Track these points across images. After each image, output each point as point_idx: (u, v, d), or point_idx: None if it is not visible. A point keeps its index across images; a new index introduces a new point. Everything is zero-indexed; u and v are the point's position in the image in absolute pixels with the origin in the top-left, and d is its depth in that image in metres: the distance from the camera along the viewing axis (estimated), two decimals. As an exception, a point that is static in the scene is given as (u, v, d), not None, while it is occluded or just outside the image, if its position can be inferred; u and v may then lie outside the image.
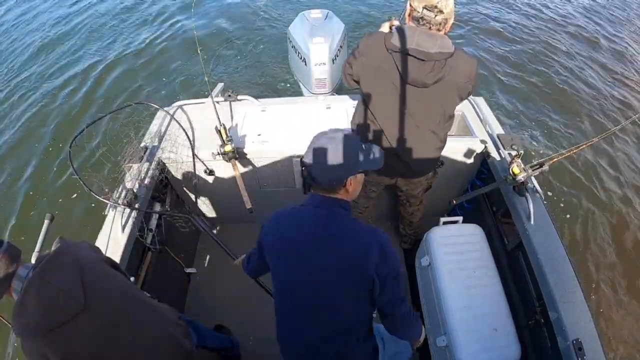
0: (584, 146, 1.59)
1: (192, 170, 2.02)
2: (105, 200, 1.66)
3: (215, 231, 2.67)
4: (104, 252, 1.17)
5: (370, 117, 1.61)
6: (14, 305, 0.88)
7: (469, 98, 2.16)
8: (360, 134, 1.70)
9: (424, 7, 1.31)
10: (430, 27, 1.34)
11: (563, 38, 5.54)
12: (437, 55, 1.33)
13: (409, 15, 1.39)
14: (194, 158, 1.98)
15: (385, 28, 1.65)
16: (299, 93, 3.78)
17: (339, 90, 3.47)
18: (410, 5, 1.38)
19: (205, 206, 2.56)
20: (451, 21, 1.36)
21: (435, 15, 1.31)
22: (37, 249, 1.01)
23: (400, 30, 1.38)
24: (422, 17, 1.32)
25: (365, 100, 1.59)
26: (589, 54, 5.19)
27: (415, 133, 1.57)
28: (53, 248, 0.97)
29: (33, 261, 1.02)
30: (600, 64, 5.02)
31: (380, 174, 1.76)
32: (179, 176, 2.16)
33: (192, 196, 2.25)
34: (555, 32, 5.67)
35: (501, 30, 5.68)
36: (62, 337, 0.88)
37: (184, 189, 2.27)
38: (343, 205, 1.08)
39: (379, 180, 1.84)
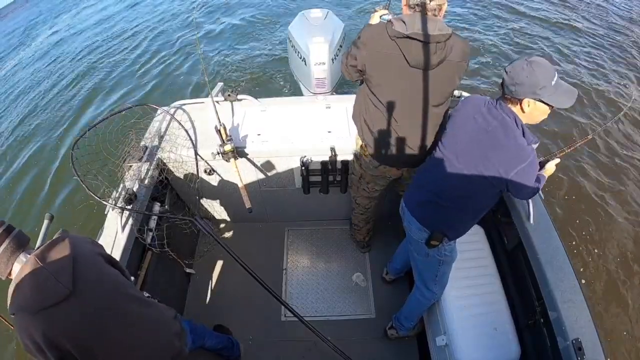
0: (581, 143, 1.59)
1: (192, 170, 2.01)
2: (105, 203, 1.67)
3: (214, 231, 2.67)
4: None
5: (377, 105, 1.63)
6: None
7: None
8: (366, 124, 1.71)
9: None
10: (427, 13, 1.42)
11: (564, 37, 5.54)
12: (439, 37, 1.41)
13: (405, 4, 1.47)
14: (196, 157, 1.98)
15: (375, 19, 1.69)
16: (299, 93, 3.77)
17: (338, 89, 3.47)
18: None
19: (204, 206, 2.56)
20: (445, 7, 1.45)
21: (431, 1, 1.40)
22: (36, 247, 1.03)
23: (400, 19, 1.45)
24: (417, 4, 1.41)
25: (371, 88, 1.62)
26: (589, 51, 5.19)
27: (422, 116, 1.61)
28: (54, 237, 1.01)
29: None
30: (599, 60, 5.02)
31: (387, 165, 1.78)
32: (179, 176, 2.16)
33: (192, 196, 2.24)
34: (555, 31, 5.67)
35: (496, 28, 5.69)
36: (49, 319, 0.91)
37: (184, 188, 2.27)
38: (512, 116, 1.27)
39: (385, 172, 1.83)
